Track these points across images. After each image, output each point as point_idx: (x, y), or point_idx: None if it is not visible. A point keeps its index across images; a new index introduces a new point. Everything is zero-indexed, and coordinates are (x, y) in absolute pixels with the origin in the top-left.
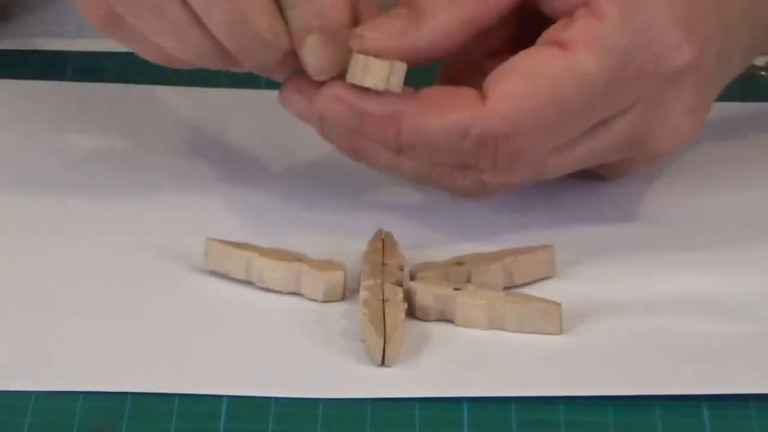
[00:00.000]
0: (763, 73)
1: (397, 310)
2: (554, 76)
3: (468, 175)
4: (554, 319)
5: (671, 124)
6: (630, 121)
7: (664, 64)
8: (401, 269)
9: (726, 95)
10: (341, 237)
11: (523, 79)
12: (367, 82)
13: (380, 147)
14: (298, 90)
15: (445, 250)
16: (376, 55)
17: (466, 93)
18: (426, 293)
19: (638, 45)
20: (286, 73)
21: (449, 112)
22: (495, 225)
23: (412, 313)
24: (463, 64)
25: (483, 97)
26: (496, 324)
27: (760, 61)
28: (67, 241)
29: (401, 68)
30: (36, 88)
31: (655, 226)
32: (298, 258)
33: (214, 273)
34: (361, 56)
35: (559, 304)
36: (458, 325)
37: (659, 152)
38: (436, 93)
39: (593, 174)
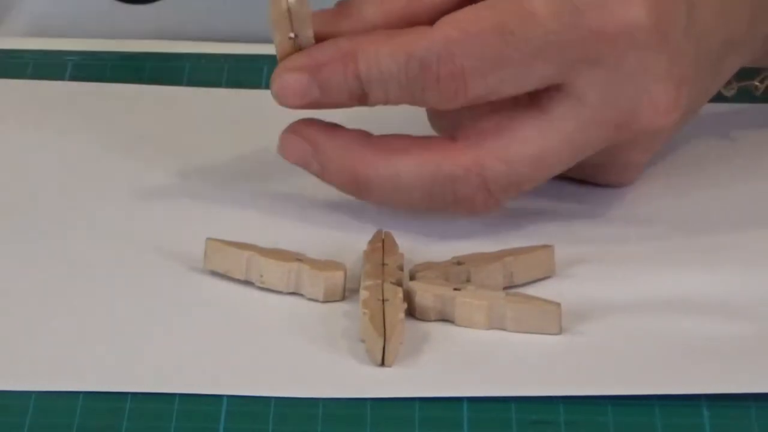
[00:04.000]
0: (757, 83)
1: (397, 310)
2: (501, 9)
3: (472, 179)
4: (554, 319)
5: (647, 95)
6: (594, 85)
7: (619, 19)
8: (401, 269)
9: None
10: (341, 237)
11: (470, 9)
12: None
13: (379, 161)
14: (295, 132)
15: (445, 250)
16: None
17: (418, 27)
18: (426, 293)
19: None
20: None
21: (397, 37)
22: (495, 225)
23: (411, 313)
24: None
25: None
26: (495, 324)
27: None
28: (67, 241)
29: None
30: (36, 88)
31: (655, 226)
32: (298, 258)
33: (214, 273)
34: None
35: (558, 304)
36: (458, 325)
37: (643, 127)
38: (389, 30)
39: (598, 179)
